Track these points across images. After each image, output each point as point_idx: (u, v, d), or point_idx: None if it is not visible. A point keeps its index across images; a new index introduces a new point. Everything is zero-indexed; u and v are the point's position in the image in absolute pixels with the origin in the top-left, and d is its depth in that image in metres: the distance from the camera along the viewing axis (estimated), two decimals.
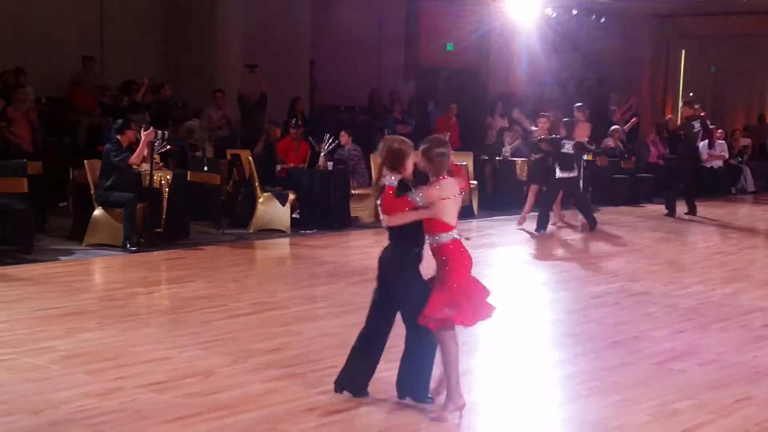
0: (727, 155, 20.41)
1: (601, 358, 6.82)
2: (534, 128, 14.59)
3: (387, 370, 5.68)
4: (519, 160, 16.39)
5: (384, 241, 5.54)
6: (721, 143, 20.16)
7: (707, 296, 9.22)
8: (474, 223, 14.48)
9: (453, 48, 20.79)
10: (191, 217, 12.19)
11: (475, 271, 5.50)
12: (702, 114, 16.38)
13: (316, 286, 9.57)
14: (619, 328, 7.82)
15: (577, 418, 5.54)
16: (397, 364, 5.58)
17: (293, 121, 14.31)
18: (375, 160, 5.61)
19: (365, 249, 11.84)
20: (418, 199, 5.26)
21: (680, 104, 25.62)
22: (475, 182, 15.60)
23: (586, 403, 5.78)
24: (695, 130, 15.79)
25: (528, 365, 6.71)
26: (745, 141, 22.23)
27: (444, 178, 5.33)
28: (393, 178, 5.30)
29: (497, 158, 16.46)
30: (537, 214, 13.43)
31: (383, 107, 18.93)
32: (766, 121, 24.54)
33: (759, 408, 5.68)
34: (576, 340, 7.38)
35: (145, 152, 11.09)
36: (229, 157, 13.92)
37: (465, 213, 14.75)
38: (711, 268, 11.07)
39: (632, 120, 19.09)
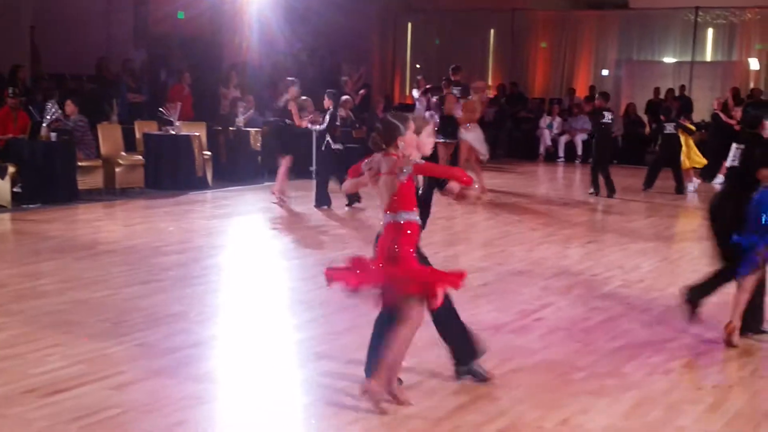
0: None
1: (330, 323, 7.01)
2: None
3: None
4: (253, 130, 16.40)
5: (113, 214, 5.39)
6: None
7: (432, 259, 9.63)
8: (209, 194, 14.38)
9: (184, 16, 20.36)
10: None
11: (209, 242, 5.47)
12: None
13: (40, 262, 9.14)
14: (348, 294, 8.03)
15: (306, 382, 5.67)
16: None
17: (10, 90, 13.51)
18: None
19: (93, 223, 11.46)
20: None
21: (407, 75, 26.66)
22: (209, 153, 15.45)
23: (315, 367, 5.93)
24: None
25: (263, 332, 6.79)
26: None
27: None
28: None
29: (231, 128, 16.37)
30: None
31: (114, 76, 18.28)
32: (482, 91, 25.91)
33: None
34: (308, 307, 7.54)
35: None
36: None
37: (199, 184, 14.63)
38: (435, 233, 11.58)
39: (361, 91, 19.55)
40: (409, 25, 27.13)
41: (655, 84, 23.29)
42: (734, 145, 7.00)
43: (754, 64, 23.69)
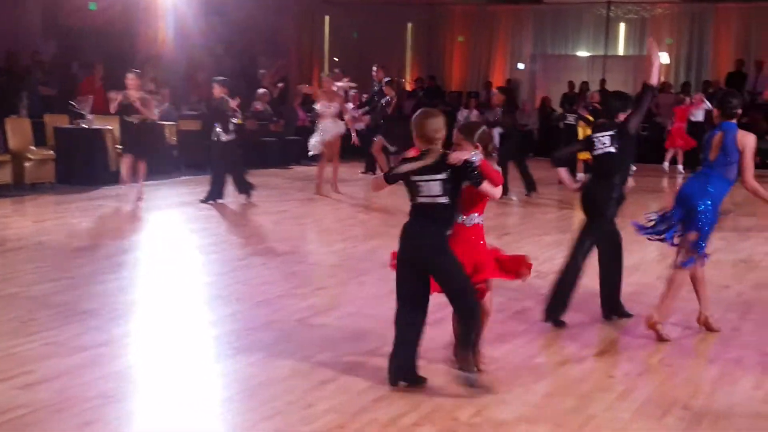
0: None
1: (246, 318, 6.96)
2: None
3: None
4: (168, 124, 16.17)
5: (22, 210, 5.25)
6: None
7: (349, 253, 9.68)
8: (123, 189, 14.12)
9: (96, 7, 19.94)
10: None
11: (123, 238, 5.36)
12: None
13: None
14: (265, 288, 8.01)
15: (223, 378, 5.62)
16: None
17: None
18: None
19: (1, 219, 11.16)
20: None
21: (326, 68, 26.56)
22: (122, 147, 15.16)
23: (232, 363, 5.87)
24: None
25: (178, 328, 6.70)
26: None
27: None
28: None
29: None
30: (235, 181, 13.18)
31: (23, 69, 17.83)
32: (402, 85, 26.02)
33: None
34: (224, 302, 7.47)
35: None
36: None
37: (112, 179, 14.35)
38: (354, 227, 11.62)
39: (279, 85, 19.45)
40: (327, 18, 27.08)
41: (569, 77, 23.68)
42: (596, 135, 7.13)
43: (664, 58, 24.24)
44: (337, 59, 26.33)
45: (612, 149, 6.98)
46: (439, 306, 5.72)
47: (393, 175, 5.44)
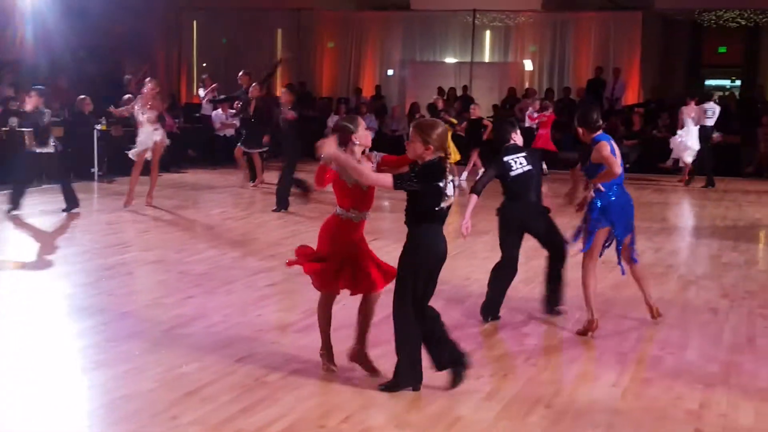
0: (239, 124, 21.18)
1: (110, 330, 6.79)
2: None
3: None
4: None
5: None
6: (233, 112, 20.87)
7: (217, 261, 9.56)
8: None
9: None
10: None
11: None
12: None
13: None
14: (131, 298, 7.84)
15: (87, 392, 5.46)
16: None
17: None
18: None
19: None
20: None
21: (194, 74, 26.21)
22: None
23: (96, 376, 5.72)
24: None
25: (41, 340, 6.48)
26: None
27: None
28: None
29: (3, 129, 15.53)
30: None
31: None
32: (272, 91, 25.88)
33: (259, 363, 6.02)
34: (88, 313, 7.27)
35: None
36: None
37: None
38: (222, 233, 11.48)
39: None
40: (194, 23, 26.72)
41: (438, 83, 24.00)
42: (510, 156, 7.37)
43: (528, 65, 24.88)
44: (205, 65, 26.00)
45: (530, 168, 7.24)
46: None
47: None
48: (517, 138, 7.48)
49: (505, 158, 7.32)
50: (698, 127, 18.06)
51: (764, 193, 17.32)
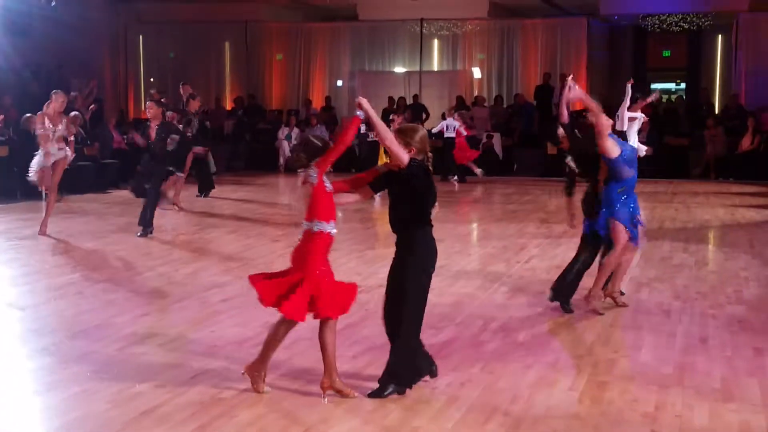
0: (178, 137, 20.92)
1: (61, 351, 6.67)
2: None
3: None
4: None
5: None
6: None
7: (170, 277, 9.45)
8: None
9: None
10: None
11: None
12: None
13: None
14: (82, 318, 7.71)
15: (38, 414, 5.36)
16: None
17: None
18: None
19: None
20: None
21: (142, 88, 26.02)
22: None
23: (47, 398, 5.61)
24: None
25: None
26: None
27: None
28: None
29: None
30: None
31: None
32: (222, 104, 25.77)
33: (214, 380, 5.95)
34: (38, 335, 7.14)
35: None
36: None
37: None
38: (174, 249, 11.36)
39: (92, 106, 18.79)
40: (141, 37, 26.52)
41: (388, 93, 24.06)
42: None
43: (476, 72, 25.02)
44: (152, 79, 25.81)
45: None
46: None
47: None
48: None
49: None
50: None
51: (712, 195, 17.58)
